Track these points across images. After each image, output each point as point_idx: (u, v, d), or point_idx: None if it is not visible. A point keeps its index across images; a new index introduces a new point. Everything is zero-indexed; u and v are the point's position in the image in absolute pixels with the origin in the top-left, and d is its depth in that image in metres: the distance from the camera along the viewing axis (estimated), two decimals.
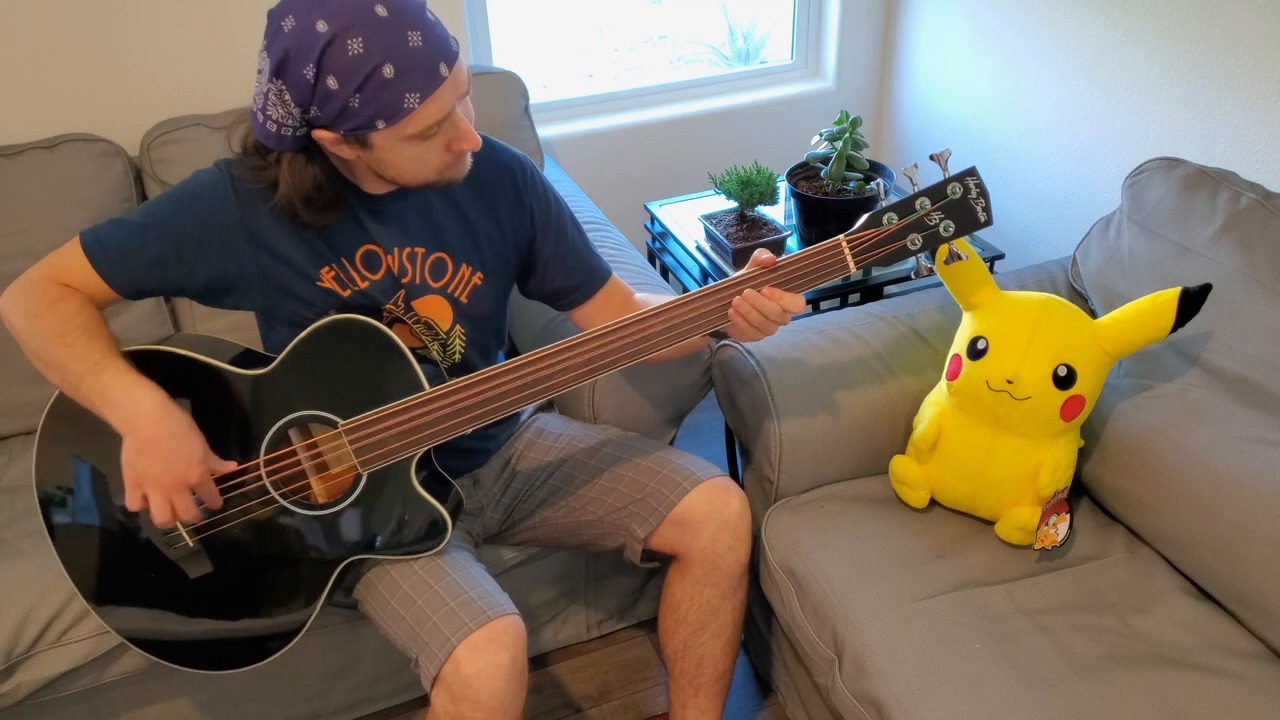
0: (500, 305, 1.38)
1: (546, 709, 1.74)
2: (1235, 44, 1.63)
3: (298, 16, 1.01)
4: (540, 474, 1.46)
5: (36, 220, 1.63)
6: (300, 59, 1.01)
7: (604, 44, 3.02)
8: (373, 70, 1.01)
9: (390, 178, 1.16)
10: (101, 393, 1.13)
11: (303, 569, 1.26)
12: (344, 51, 1.00)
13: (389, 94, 1.03)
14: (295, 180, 1.13)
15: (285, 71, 1.03)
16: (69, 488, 1.25)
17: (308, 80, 1.02)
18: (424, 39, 1.03)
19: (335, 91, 1.02)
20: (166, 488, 1.13)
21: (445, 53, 1.05)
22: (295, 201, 1.14)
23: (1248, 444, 1.27)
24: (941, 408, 1.43)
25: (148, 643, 1.27)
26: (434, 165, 1.14)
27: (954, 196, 1.22)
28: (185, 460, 1.12)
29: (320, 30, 1.00)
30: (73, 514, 1.25)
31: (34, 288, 1.17)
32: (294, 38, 1.01)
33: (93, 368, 1.13)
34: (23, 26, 1.71)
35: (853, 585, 1.33)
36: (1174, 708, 1.15)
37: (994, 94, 2.16)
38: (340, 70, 1.01)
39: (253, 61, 1.87)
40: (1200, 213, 1.43)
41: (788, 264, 1.21)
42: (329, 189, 1.16)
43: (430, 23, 1.04)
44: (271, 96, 1.05)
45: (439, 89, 1.05)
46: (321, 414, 1.21)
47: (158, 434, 1.11)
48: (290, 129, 1.08)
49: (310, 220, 1.17)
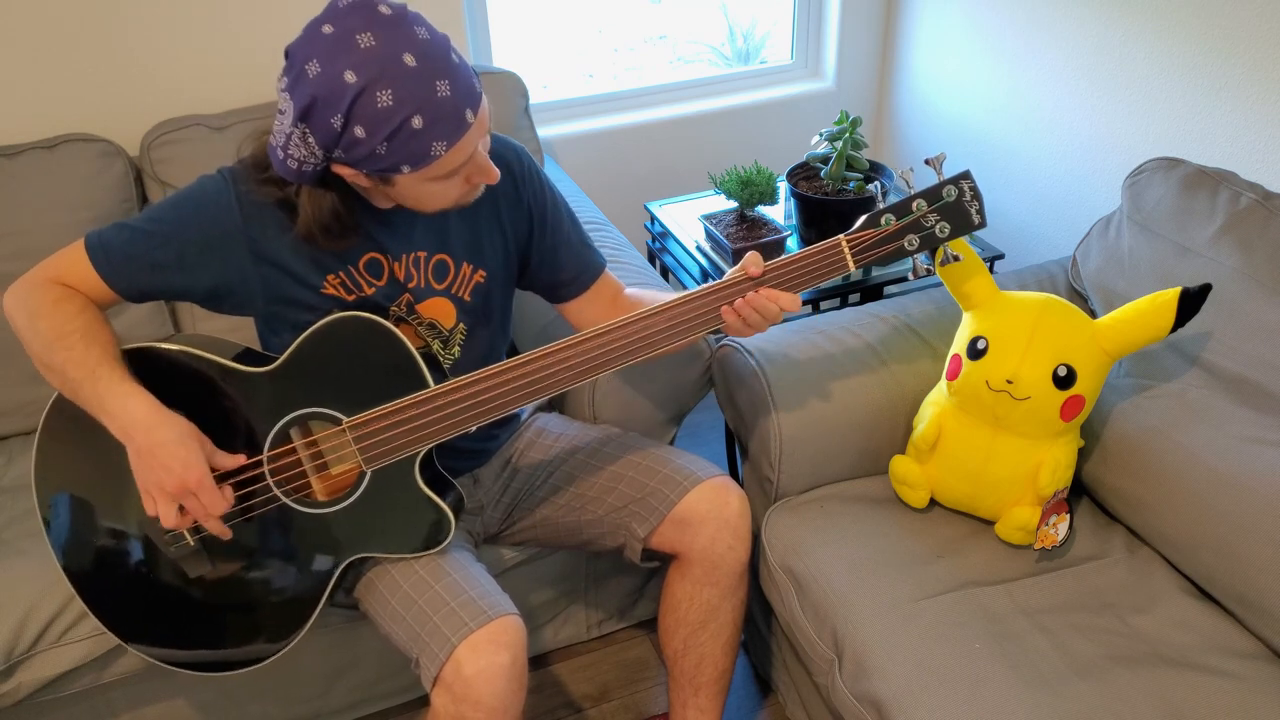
0: (504, 301, 1.38)
1: (546, 709, 1.74)
2: (1235, 44, 1.63)
3: (324, 63, 1.00)
4: (540, 473, 1.46)
5: (36, 220, 1.63)
6: (328, 108, 1.01)
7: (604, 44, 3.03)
8: (402, 122, 1.01)
9: (408, 207, 1.17)
10: (98, 401, 1.13)
11: (303, 567, 1.26)
12: (373, 103, 1.00)
13: (417, 143, 1.03)
14: (315, 211, 1.14)
15: (311, 118, 1.02)
16: (69, 488, 1.25)
17: (334, 129, 1.02)
18: (452, 88, 1.03)
19: (362, 140, 1.02)
20: (170, 494, 1.13)
21: (471, 98, 1.05)
22: (315, 232, 1.15)
23: (1248, 444, 1.27)
24: (941, 408, 1.43)
25: (148, 644, 1.27)
26: (452, 197, 1.15)
27: (949, 199, 1.23)
28: (182, 465, 1.12)
29: (349, 81, 0.99)
30: (72, 514, 1.25)
31: (37, 288, 1.17)
32: (321, 86, 1.00)
33: (89, 375, 1.13)
34: (23, 26, 1.71)
35: (852, 585, 1.34)
36: (1174, 708, 1.15)
37: (994, 94, 2.17)
38: (369, 121, 1.01)
39: (253, 61, 1.87)
40: (1200, 213, 1.43)
41: (789, 262, 1.21)
42: (346, 217, 1.16)
43: (457, 67, 1.04)
44: (295, 139, 1.05)
45: (465, 135, 1.06)
46: (326, 411, 1.21)
47: (151, 443, 1.12)
48: (311, 166, 1.08)
49: (328, 246, 1.18)
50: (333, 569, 1.26)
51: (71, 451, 1.24)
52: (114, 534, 1.24)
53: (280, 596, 1.26)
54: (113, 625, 1.26)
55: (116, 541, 1.25)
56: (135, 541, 1.24)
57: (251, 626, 1.27)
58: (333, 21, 1.01)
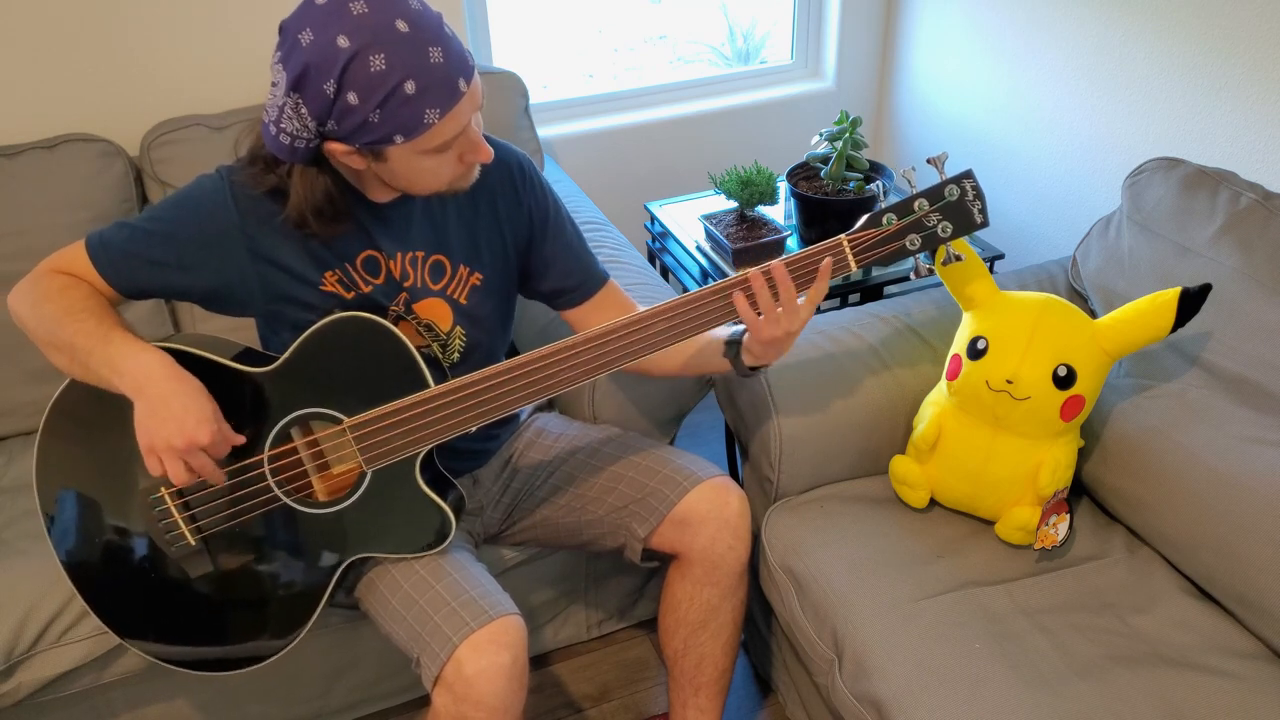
0: (502, 305, 1.38)
1: (547, 709, 1.74)
2: (1235, 44, 1.63)
3: (316, 31, 1.00)
4: (540, 474, 1.46)
5: (36, 220, 1.63)
6: (321, 74, 1.01)
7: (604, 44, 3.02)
8: (395, 87, 1.01)
9: (400, 188, 1.17)
10: (110, 362, 1.12)
11: (304, 568, 1.26)
12: (366, 68, 1.00)
13: (409, 110, 1.03)
14: (306, 192, 1.13)
15: (304, 86, 1.02)
16: (70, 486, 1.25)
17: (327, 95, 1.02)
18: (444, 55, 1.03)
19: (355, 107, 1.02)
20: (179, 449, 1.10)
21: (464, 68, 1.05)
22: (306, 214, 1.15)
23: (1248, 444, 1.27)
24: (941, 408, 1.43)
25: (148, 644, 1.27)
26: (445, 177, 1.14)
27: (951, 198, 1.23)
28: (196, 418, 1.10)
29: (342, 46, 0.99)
30: (73, 513, 1.25)
31: (41, 279, 1.18)
32: (314, 52, 1.00)
33: (101, 340, 1.13)
34: (23, 26, 1.71)
35: (852, 585, 1.34)
36: (1174, 708, 1.15)
37: (994, 94, 2.17)
38: (361, 86, 1.01)
39: (253, 61, 1.87)
40: (1200, 213, 1.43)
41: (792, 261, 1.21)
42: (339, 200, 1.16)
43: (449, 38, 1.05)
44: (288, 110, 1.05)
45: (458, 104, 1.05)
46: (326, 411, 1.21)
47: (165, 391, 1.10)
48: (304, 141, 1.08)
49: (319, 231, 1.17)
50: (333, 569, 1.26)
51: (73, 450, 1.24)
52: (115, 532, 1.24)
53: (281, 596, 1.26)
54: (113, 624, 1.26)
55: (117, 540, 1.25)
56: (136, 540, 1.24)
57: (252, 626, 1.27)
58: None
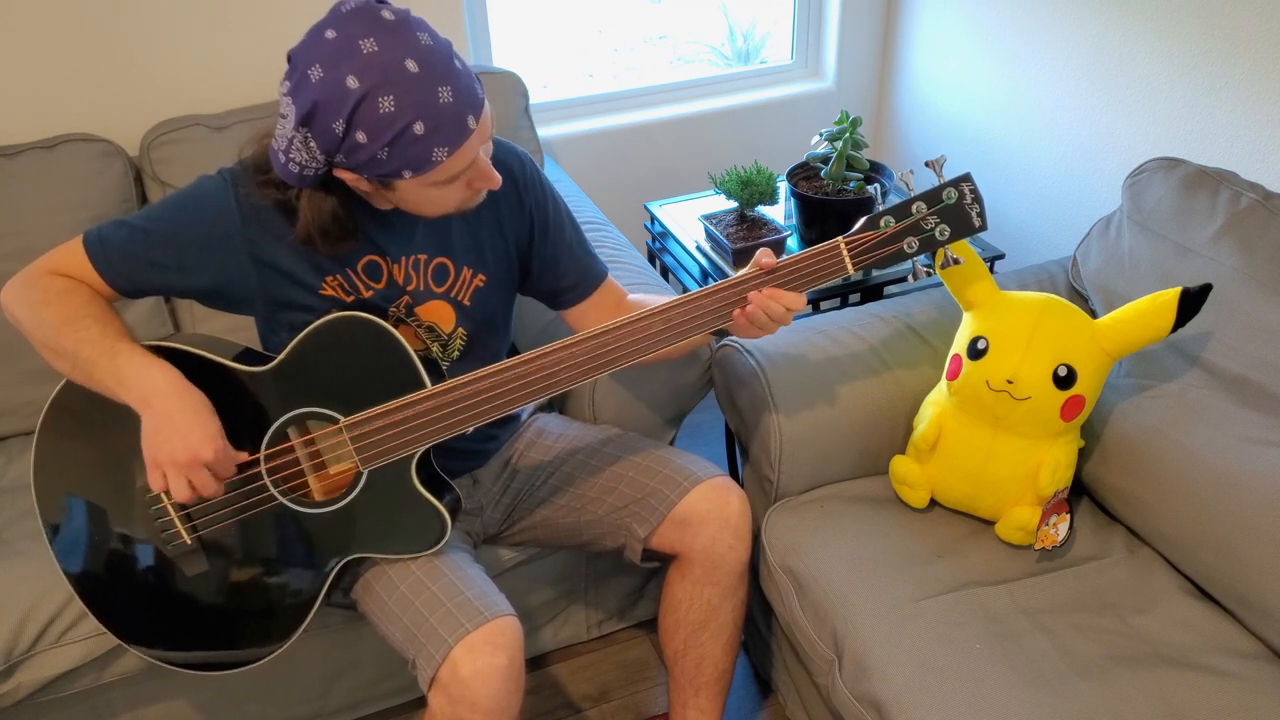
0: (504, 306, 1.38)
1: (546, 709, 1.74)
2: (1235, 44, 1.63)
3: (325, 68, 1.00)
4: (540, 474, 1.46)
5: (36, 220, 1.63)
6: (329, 113, 1.01)
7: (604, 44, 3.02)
8: (404, 128, 1.01)
9: (409, 211, 1.17)
10: (116, 374, 1.13)
11: (300, 567, 1.26)
12: (375, 109, 1.00)
13: (418, 149, 1.03)
14: (314, 215, 1.14)
15: (313, 123, 1.02)
16: (69, 487, 1.24)
17: (336, 133, 1.02)
18: (454, 94, 1.03)
19: (364, 145, 1.02)
20: (183, 465, 1.11)
21: (473, 104, 1.05)
22: (315, 235, 1.15)
23: (1248, 444, 1.27)
24: (941, 408, 1.43)
25: (145, 644, 1.27)
26: (453, 202, 1.15)
27: (949, 201, 1.23)
28: (200, 434, 1.11)
29: (351, 86, 0.99)
30: (71, 513, 1.25)
31: (38, 280, 1.18)
32: (323, 90, 1.00)
33: (107, 351, 1.13)
34: (23, 26, 1.71)
35: (852, 585, 1.33)
36: (1174, 708, 1.15)
37: (994, 94, 2.16)
38: (371, 127, 1.01)
39: (253, 61, 1.87)
40: (1200, 213, 1.43)
41: (788, 265, 1.21)
42: (346, 220, 1.16)
43: (459, 73, 1.04)
44: (296, 143, 1.05)
45: (467, 141, 1.06)
46: (323, 410, 1.21)
47: (171, 408, 1.11)
48: (313, 170, 1.08)
49: (326, 251, 1.18)
50: (329, 569, 1.26)
51: (71, 450, 1.24)
52: (111, 530, 1.24)
53: (277, 596, 1.26)
54: (110, 624, 1.26)
55: (115, 540, 1.25)
56: (134, 540, 1.24)
57: (248, 625, 1.27)
58: (335, 26, 1.01)
